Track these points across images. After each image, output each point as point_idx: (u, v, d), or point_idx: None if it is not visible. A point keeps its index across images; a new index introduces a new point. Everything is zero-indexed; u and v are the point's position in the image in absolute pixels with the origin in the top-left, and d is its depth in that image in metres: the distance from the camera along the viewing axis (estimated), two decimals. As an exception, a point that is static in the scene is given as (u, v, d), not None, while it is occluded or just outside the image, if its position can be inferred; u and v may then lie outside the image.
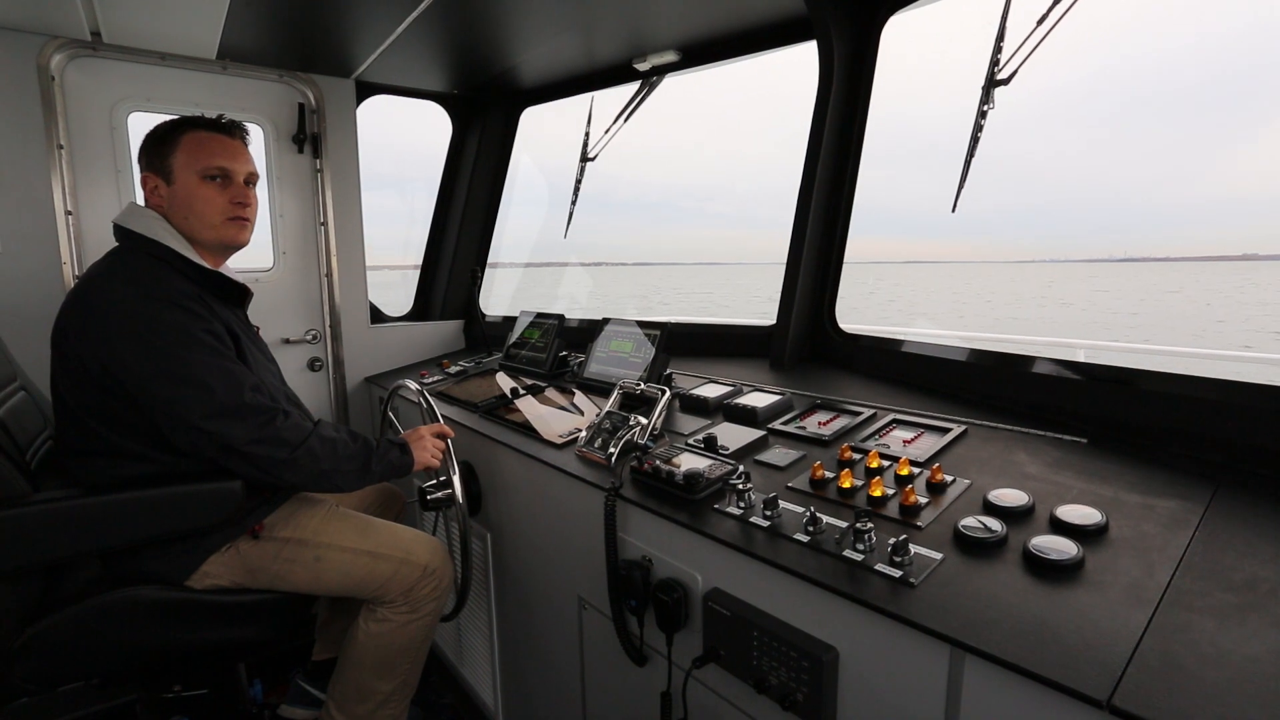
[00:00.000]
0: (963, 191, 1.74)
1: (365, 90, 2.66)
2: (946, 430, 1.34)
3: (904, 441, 1.32)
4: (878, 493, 1.08)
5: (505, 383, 2.16)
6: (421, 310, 3.10)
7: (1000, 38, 1.61)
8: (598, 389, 1.92)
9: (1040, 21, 1.55)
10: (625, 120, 2.63)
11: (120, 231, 1.41)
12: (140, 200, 1.47)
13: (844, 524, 1.01)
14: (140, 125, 1.48)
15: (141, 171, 1.44)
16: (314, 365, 2.69)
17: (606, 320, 2.08)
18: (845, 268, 1.96)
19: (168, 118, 1.47)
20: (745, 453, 1.36)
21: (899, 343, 1.76)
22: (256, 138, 2.46)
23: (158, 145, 1.42)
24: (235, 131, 1.50)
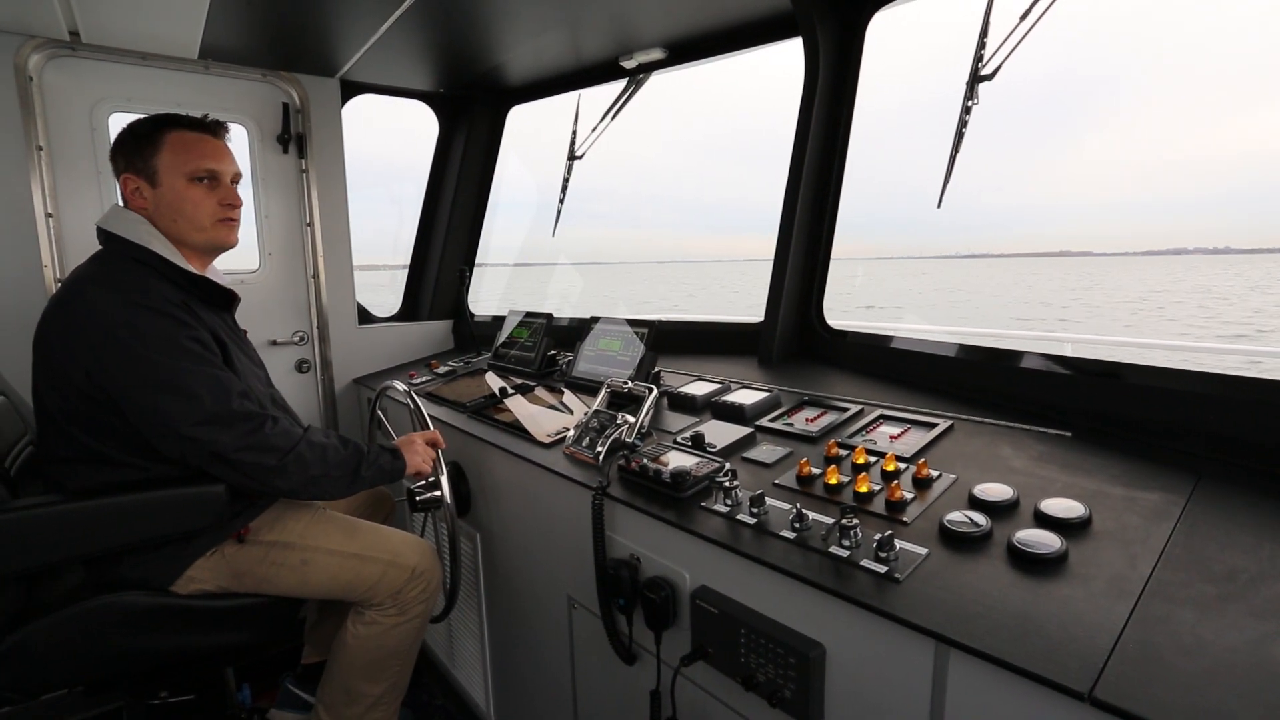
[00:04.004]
0: (948, 187, 1.75)
1: (350, 90, 2.64)
2: (932, 425, 1.34)
3: (890, 437, 1.33)
4: (864, 488, 1.08)
5: (494, 382, 2.15)
6: (410, 310, 3.09)
7: (984, 33, 1.62)
8: (586, 388, 1.92)
9: (1023, 18, 1.56)
10: (613, 118, 2.63)
11: (104, 235, 1.38)
12: (120, 202, 1.45)
13: (830, 520, 1.01)
14: (121, 126, 1.45)
15: (120, 172, 1.40)
16: (301, 367, 2.67)
17: (596, 319, 2.08)
18: (728, 265, 1.96)
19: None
20: (733, 450, 1.36)
21: (886, 339, 1.76)
22: (240, 138, 2.45)
23: (139, 145, 1.39)
24: (219, 131, 1.48)
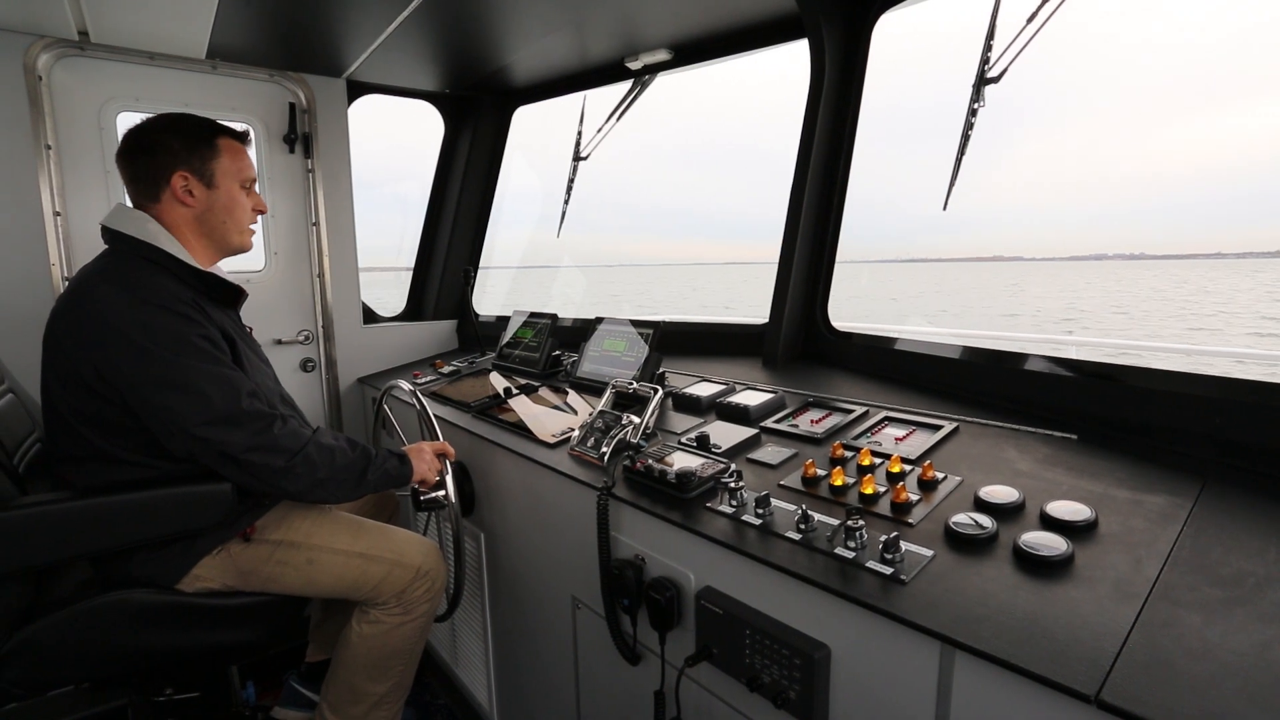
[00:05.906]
0: (953, 190, 1.75)
1: (357, 90, 2.65)
2: (938, 427, 1.34)
3: (895, 439, 1.33)
4: (869, 490, 1.08)
5: (499, 382, 2.15)
6: (414, 310, 3.10)
7: (990, 35, 1.62)
8: (591, 388, 1.92)
9: (1030, 20, 1.56)
10: (618, 119, 2.63)
11: (109, 234, 1.39)
12: (127, 201, 1.45)
13: (835, 522, 1.01)
14: (129, 125, 1.46)
15: (176, 168, 1.39)
16: (306, 366, 2.68)
17: (600, 319, 2.08)
18: (658, 269, 1.97)
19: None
20: (737, 451, 1.36)
21: (891, 340, 1.76)
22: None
23: (200, 146, 1.43)
24: (248, 143, 1.56)
